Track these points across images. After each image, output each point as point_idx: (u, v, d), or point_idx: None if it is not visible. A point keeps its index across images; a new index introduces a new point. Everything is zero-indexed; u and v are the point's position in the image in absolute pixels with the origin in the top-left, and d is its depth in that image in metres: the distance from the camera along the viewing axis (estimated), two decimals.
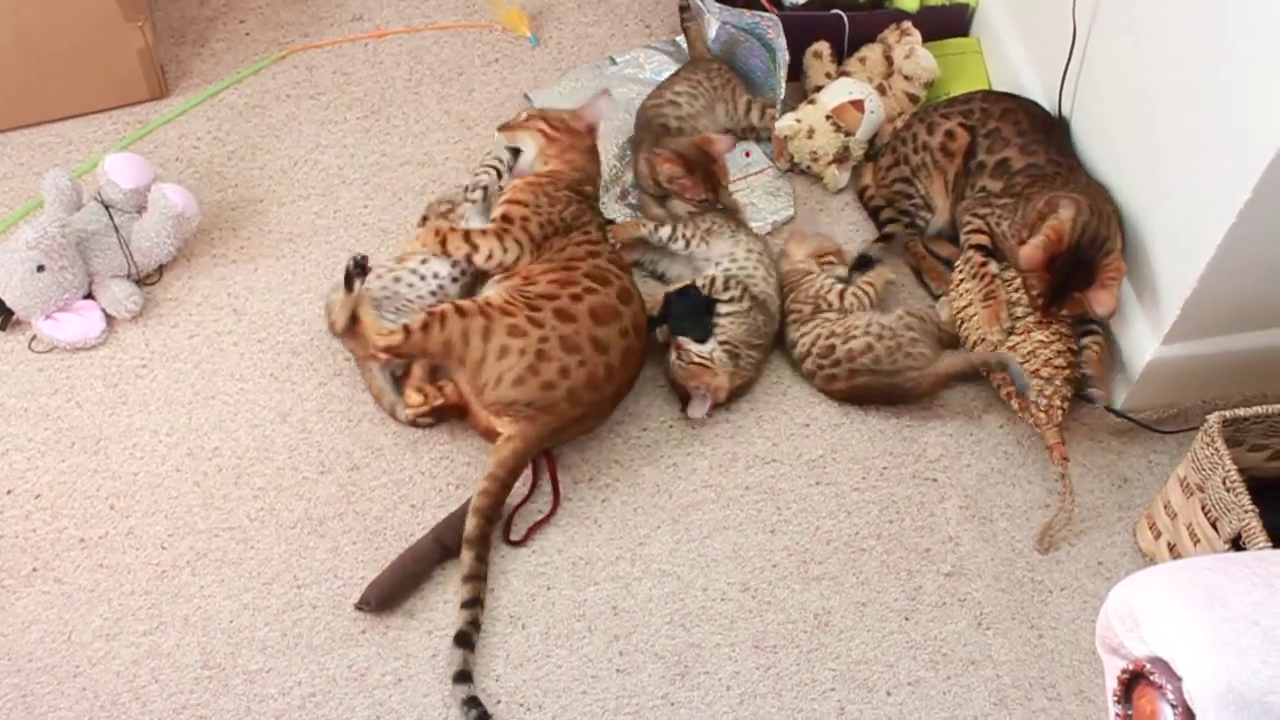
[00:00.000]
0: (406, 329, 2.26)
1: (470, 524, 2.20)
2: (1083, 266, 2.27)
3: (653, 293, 2.50)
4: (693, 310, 2.43)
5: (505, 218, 2.40)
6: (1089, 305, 2.28)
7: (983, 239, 2.46)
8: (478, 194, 2.50)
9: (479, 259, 2.38)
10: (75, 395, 2.41)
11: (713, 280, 2.45)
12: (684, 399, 2.41)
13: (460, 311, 2.26)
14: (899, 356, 2.39)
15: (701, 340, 2.40)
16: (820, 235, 2.62)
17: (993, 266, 2.43)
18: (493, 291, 2.35)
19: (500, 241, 2.37)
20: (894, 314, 2.45)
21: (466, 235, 2.38)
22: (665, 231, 2.56)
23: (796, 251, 2.56)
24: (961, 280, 2.49)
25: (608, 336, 2.26)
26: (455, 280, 2.44)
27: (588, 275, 2.32)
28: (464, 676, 2.09)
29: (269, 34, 3.01)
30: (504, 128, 2.54)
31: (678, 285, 2.50)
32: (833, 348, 2.41)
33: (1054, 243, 2.25)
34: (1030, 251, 2.26)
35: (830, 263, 2.55)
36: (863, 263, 2.59)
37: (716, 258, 2.53)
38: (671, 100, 2.73)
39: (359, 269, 2.29)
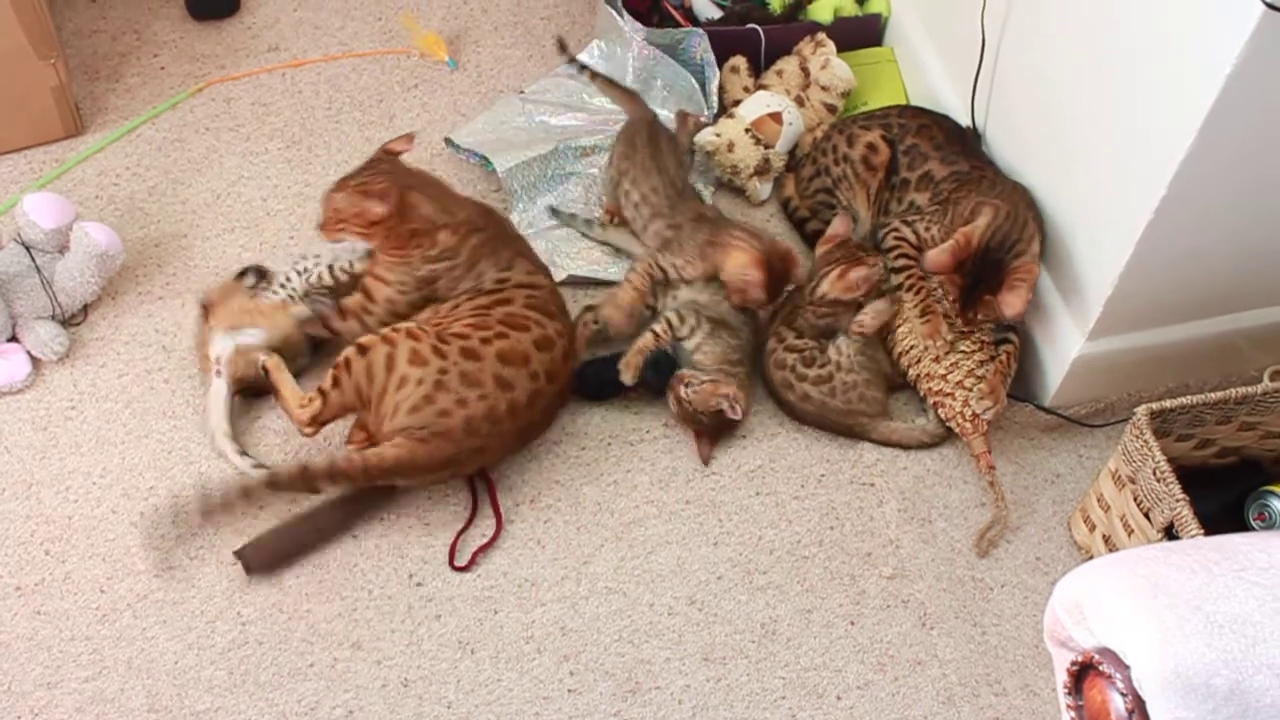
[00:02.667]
0: (322, 392, 2.25)
1: (292, 469, 2.20)
2: (991, 269, 2.31)
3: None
4: (655, 363, 2.43)
5: (364, 291, 2.40)
6: (997, 307, 2.32)
7: (904, 255, 2.49)
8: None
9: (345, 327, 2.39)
10: (3, 440, 2.37)
11: (669, 323, 2.43)
12: (701, 436, 2.42)
13: (361, 350, 2.23)
14: (853, 396, 2.41)
15: (662, 390, 2.43)
16: None
17: (929, 280, 2.47)
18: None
19: (360, 320, 2.39)
20: (854, 344, 2.43)
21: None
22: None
23: None
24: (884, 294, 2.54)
25: (514, 376, 2.22)
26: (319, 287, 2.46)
27: (502, 321, 2.28)
28: None
29: (184, 67, 2.98)
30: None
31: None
32: (814, 359, 2.43)
33: (961, 248, 2.29)
34: (936, 255, 2.30)
35: None
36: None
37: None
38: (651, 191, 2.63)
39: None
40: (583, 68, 2.89)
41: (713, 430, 2.41)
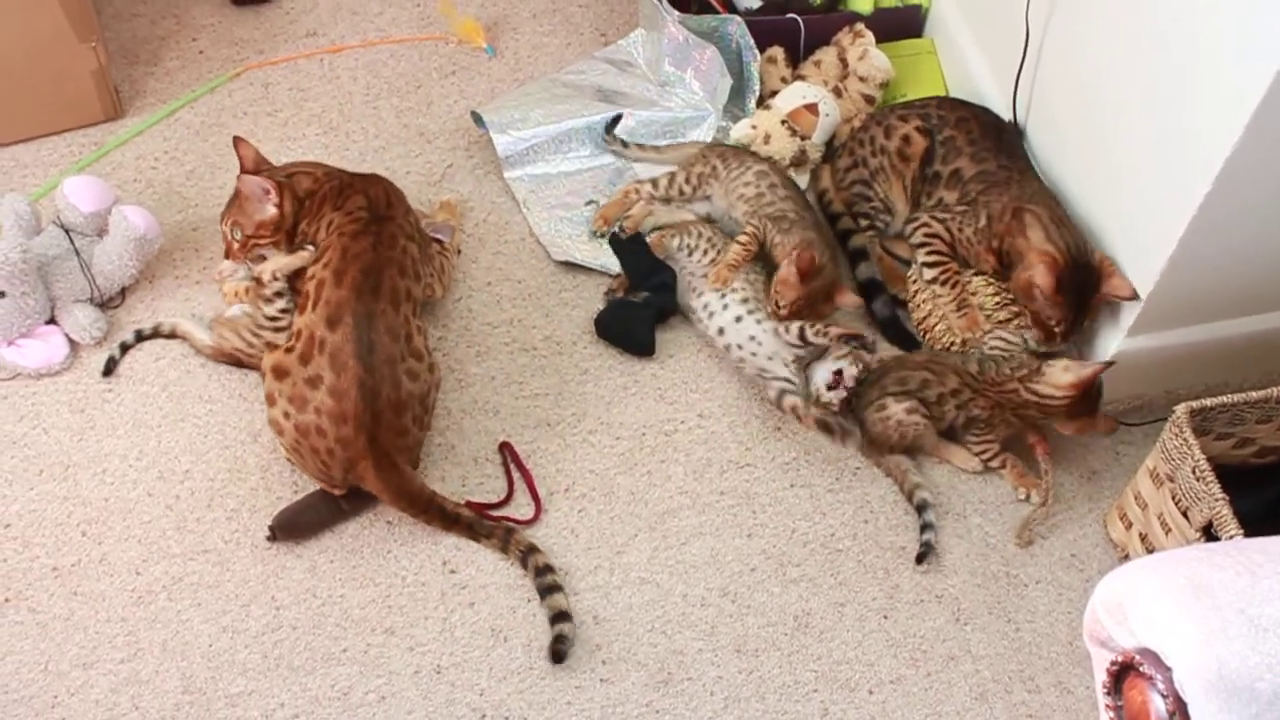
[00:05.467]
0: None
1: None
2: (1085, 273, 2.30)
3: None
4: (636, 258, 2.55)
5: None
6: (1115, 296, 2.29)
7: (937, 252, 2.48)
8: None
9: None
10: (41, 422, 2.38)
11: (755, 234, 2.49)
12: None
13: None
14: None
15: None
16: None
17: (964, 274, 2.47)
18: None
19: None
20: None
21: None
22: (660, 185, 2.65)
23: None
24: (917, 292, 2.53)
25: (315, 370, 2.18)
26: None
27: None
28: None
29: (223, 52, 2.99)
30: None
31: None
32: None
33: (1055, 264, 2.28)
34: (1042, 280, 2.28)
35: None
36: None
37: (725, 206, 2.58)
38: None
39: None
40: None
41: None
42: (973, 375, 2.33)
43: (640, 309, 2.53)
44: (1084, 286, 2.30)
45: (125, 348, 2.47)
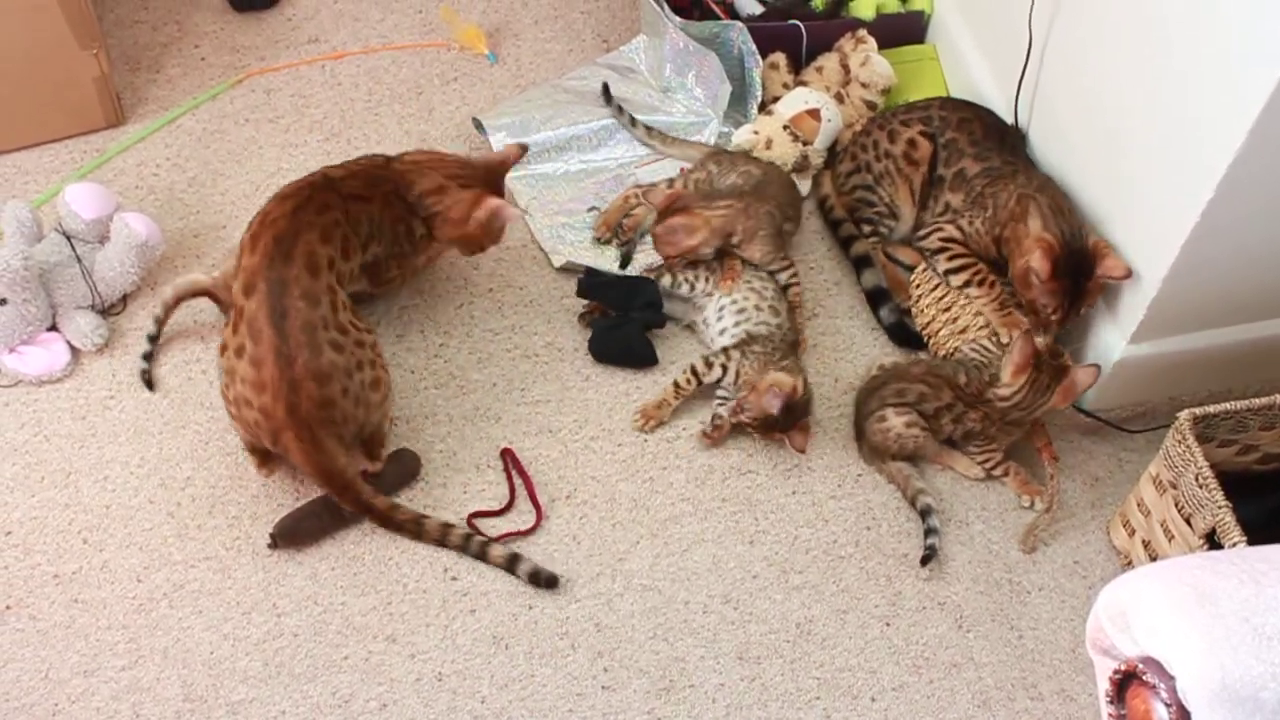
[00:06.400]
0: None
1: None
2: (1081, 258, 2.29)
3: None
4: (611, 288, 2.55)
5: None
6: (1108, 277, 2.28)
7: (958, 255, 2.48)
8: None
9: None
10: (43, 429, 2.38)
11: (695, 371, 2.43)
12: (788, 433, 2.37)
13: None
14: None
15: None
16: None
17: (990, 275, 2.46)
18: None
19: None
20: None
21: None
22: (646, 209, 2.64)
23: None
24: (920, 298, 2.52)
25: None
26: None
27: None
28: None
29: (225, 58, 2.99)
30: None
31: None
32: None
33: (1050, 248, 2.27)
34: (1038, 265, 2.27)
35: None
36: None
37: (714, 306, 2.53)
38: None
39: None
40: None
41: (788, 421, 2.35)
42: (961, 388, 2.32)
43: (629, 325, 2.51)
44: (1079, 272, 2.29)
45: (148, 357, 2.45)
